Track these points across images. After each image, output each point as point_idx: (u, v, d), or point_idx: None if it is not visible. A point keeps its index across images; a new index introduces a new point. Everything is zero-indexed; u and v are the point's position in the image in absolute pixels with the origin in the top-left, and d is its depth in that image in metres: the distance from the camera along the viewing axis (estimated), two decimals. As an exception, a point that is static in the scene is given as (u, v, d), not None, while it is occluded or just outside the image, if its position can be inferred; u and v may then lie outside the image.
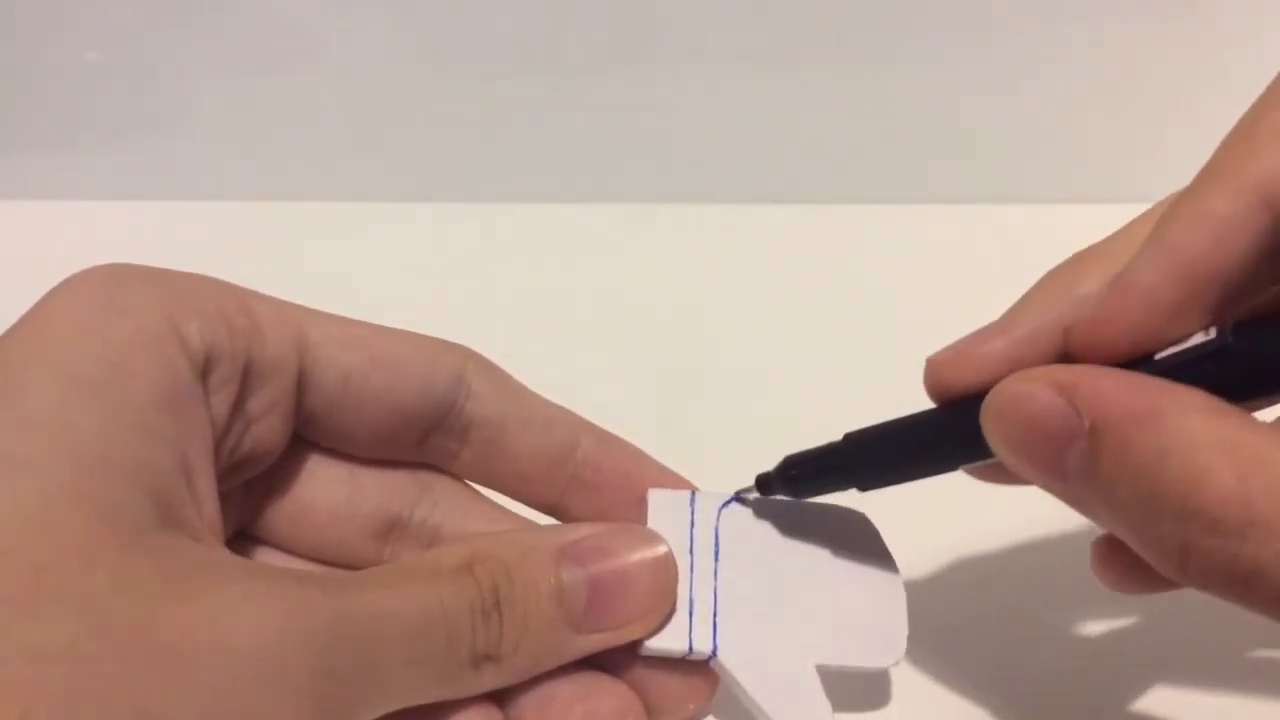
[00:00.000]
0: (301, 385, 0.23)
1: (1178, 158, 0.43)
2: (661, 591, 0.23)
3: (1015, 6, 0.38)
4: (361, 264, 0.39)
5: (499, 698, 0.23)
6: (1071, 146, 0.41)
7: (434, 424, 0.24)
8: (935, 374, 0.23)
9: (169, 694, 0.17)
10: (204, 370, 0.21)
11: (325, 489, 0.25)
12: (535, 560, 0.22)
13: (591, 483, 0.25)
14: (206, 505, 0.21)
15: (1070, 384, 0.20)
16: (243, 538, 0.25)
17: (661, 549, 0.23)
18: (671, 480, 0.25)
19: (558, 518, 0.26)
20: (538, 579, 0.22)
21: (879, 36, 0.39)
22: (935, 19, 0.38)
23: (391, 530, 0.25)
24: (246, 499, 0.24)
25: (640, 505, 0.24)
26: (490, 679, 0.22)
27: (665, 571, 0.23)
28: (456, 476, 0.26)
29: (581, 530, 0.23)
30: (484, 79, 0.40)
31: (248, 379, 0.22)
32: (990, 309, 0.26)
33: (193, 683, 0.17)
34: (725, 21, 0.38)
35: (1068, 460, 0.20)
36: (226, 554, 0.20)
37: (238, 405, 0.22)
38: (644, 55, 0.39)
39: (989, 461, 0.21)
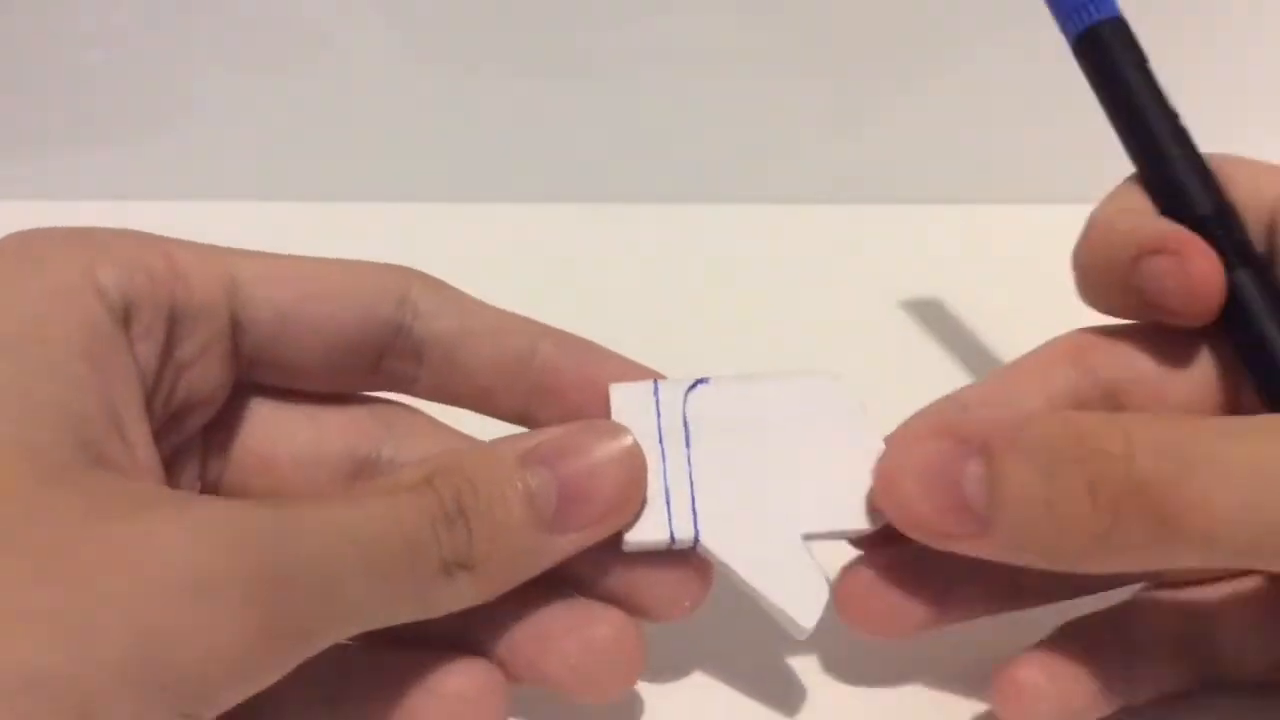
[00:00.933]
0: (237, 327, 0.23)
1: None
2: (631, 482, 0.23)
3: (1015, 6, 0.38)
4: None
5: (488, 640, 0.23)
6: (1071, 147, 0.41)
7: (384, 349, 0.24)
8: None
9: (91, 607, 0.16)
10: (125, 319, 0.21)
11: (287, 436, 0.25)
12: (498, 467, 0.22)
13: (554, 387, 0.25)
14: (140, 451, 0.20)
15: (944, 426, 0.22)
16: (213, 491, 0.24)
17: (627, 439, 0.23)
18: (635, 372, 0.25)
19: (523, 425, 0.25)
20: (503, 484, 0.21)
21: (878, 36, 0.39)
22: (936, 19, 0.38)
23: (361, 472, 0.25)
24: (208, 456, 0.24)
25: (607, 402, 0.24)
26: (468, 589, 0.21)
27: (633, 461, 0.23)
28: (418, 404, 0.25)
29: (543, 434, 0.23)
30: (484, 79, 0.40)
31: (174, 325, 0.22)
32: (991, 309, 0.26)
33: (116, 594, 0.17)
34: (725, 21, 0.38)
35: (966, 486, 0.21)
36: (164, 488, 0.20)
37: (167, 352, 0.22)
38: (644, 55, 0.39)
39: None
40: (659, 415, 0.24)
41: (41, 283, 0.20)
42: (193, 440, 0.24)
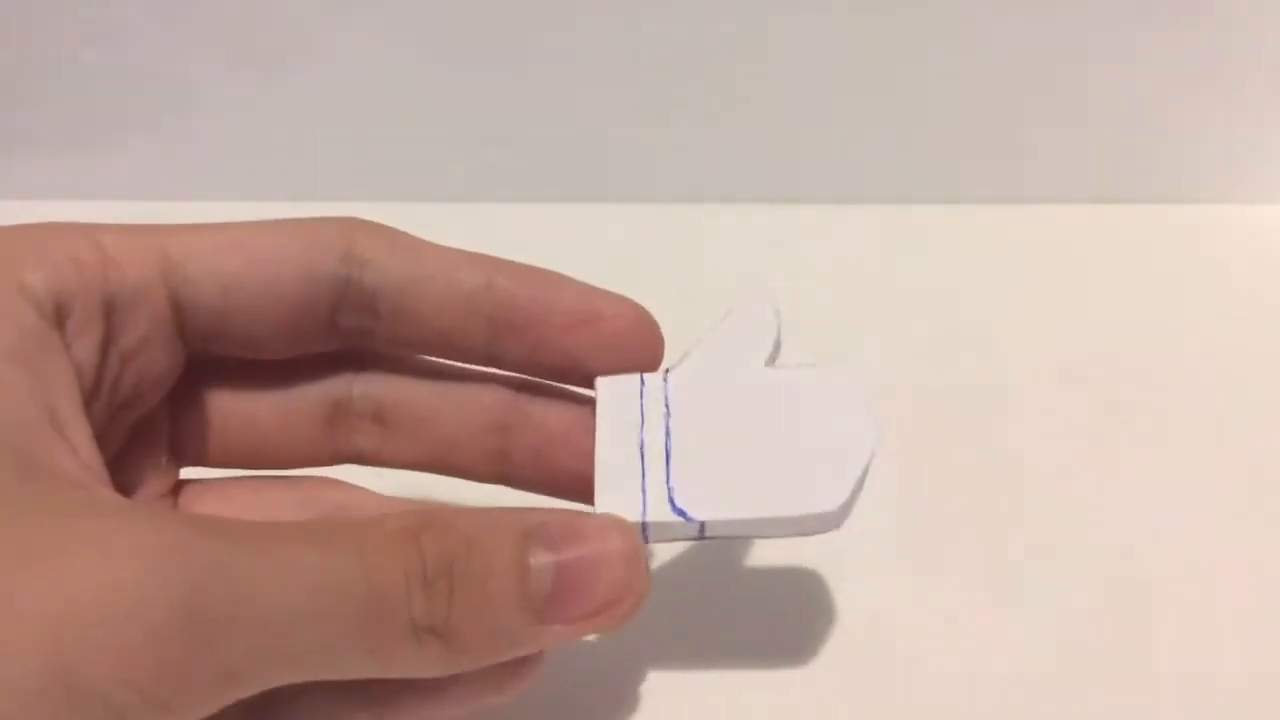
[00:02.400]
0: (179, 306, 0.22)
1: (1178, 158, 0.43)
2: (630, 585, 0.21)
3: (1015, 6, 0.38)
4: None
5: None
6: (1073, 147, 0.41)
7: (335, 305, 0.23)
8: None
9: (5, 625, 0.16)
10: (57, 317, 0.20)
11: (263, 393, 0.24)
12: (500, 537, 0.20)
13: (513, 321, 0.24)
14: (83, 451, 0.20)
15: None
16: (195, 463, 0.24)
17: (632, 538, 0.21)
18: (593, 297, 0.24)
19: (493, 366, 0.25)
20: (500, 557, 0.20)
21: (879, 36, 0.39)
22: (936, 18, 0.38)
23: (337, 412, 0.24)
24: (180, 428, 0.24)
25: (572, 331, 0.23)
26: (436, 658, 0.20)
27: (636, 563, 0.21)
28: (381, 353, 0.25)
29: (551, 514, 0.21)
30: (484, 79, 0.40)
31: (112, 315, 0.21)
32: (991, 309, 0.26)
33: (32, 612, 0.16)
34: (726, 22, 0.38)
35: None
36: (106, 496, 0.19)
37: (107, 344, 0.21)
38: (645, 55, 0.39)
39: None
40: (642, 403, 0.23)
41: None
42: (154, 417, 0.23)
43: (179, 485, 0.25)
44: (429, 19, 0.38)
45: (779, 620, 0.29)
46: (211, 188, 0.42)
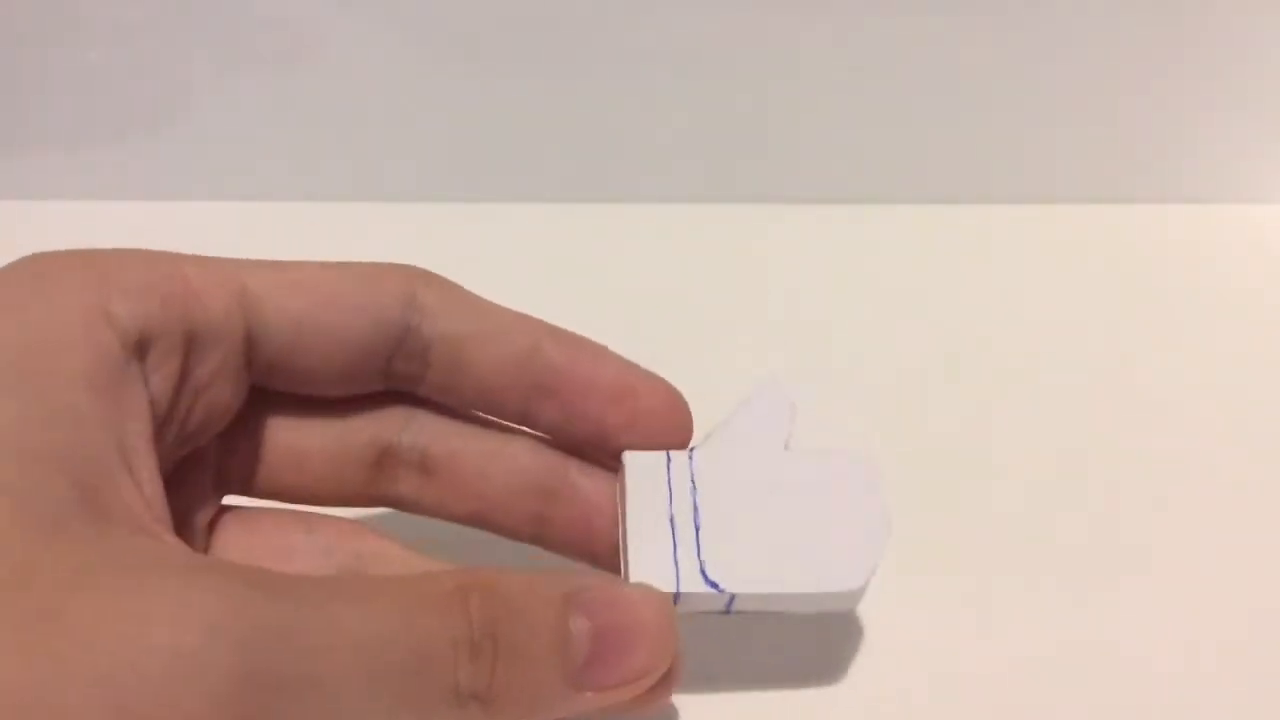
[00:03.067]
0: (251, 340, 0.22)
1: (1178, 158, 0.43)
2: (662, 654, 0.21)
3: (1015, 6, 0.38)
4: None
5: None
6: (1073, 147, 0.41)
7: (394, 350, 0.24)
8: None
9: (70, 687, 0.16)
10: (140, 349, 0.21)
11: (317, 431, 0.24)
12: (542, 603, 0.20)
13: (553, 386, 0.24)
14: (147, 487, 0.20)
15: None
16: (244, 496, 0.24)
17: (667, 609, 0.22)
18: (633, 374, 0.25)
19: (526, 425, 0.25)
20: (543, 622, 0.20)
21: (878, 36, 0.39)
22: (936, 18, 0.38)
23: (384, 456, 0.25)
24: (229, 459, 0.24)
25: (606, 404, 0.24)
26: None
27: (669, 634, 0.22)
28: (424, 401, 0.25)
29: (591, 579, 0.22)
30: (484, 79, 0.40)
31: (191, 348, 0.22)
32: (991, 309, 0.26)
33: (97, 676, 0.16)
34: (726, 22, 0.38)
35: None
36: (166, 545, 0.19)
37: (184, 376, 0.21)
38: (645, 55, 0.39)
39: None
40: (670, 479, 0.24)
41: (50, 312, 0.20)
42: (204, 447, 0.23)
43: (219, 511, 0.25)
44: (429, 19, 0.38)
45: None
46: (211, 188, 0.42)
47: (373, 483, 0.25)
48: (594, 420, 0.24)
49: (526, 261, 0.40)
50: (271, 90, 0.40)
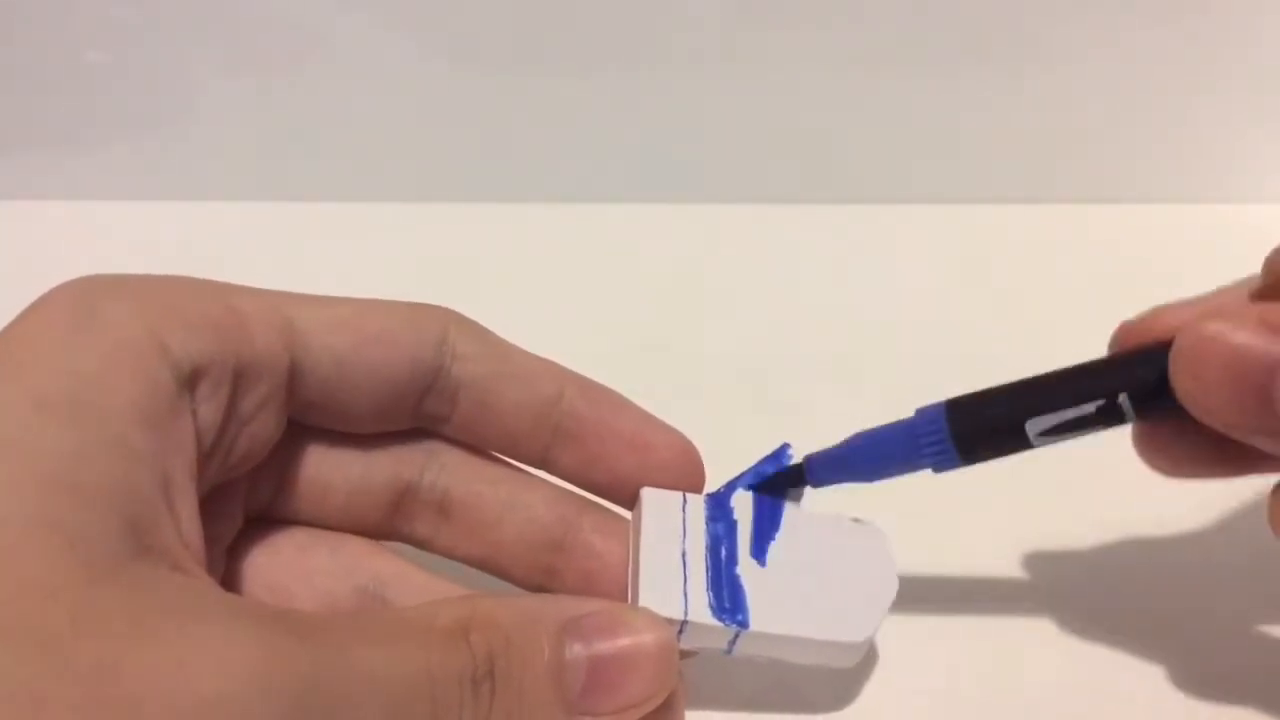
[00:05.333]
0: (294, 374, 0.23)
1: (1177, 158, 0.43)
2: (661, 681, 0.21)
3: (1016, 6, 0.38)
4: (362, 264, 0.39)
5: None
6: (1073, 147, 0.41)
7: (425, 390, 0.24)
8: (1124, 338, 0.23)
9: None
10: (191, 380, 0.21)
11: (342, 466, 0.25)
12: (537, 632, 0.21)
13: (574, 433, 0.25)
14: (186, 524, 0.20)
15: (1273, 319, 0.20)
16: (263, 519, 0.25)
17: (667, 637, 0.22)
18: (653, 427, 0.25)
19: (545, 470, 0.25)
20: (537, 652, 0.20)
21: (878, 36, 0.39)
22: (936, 19, 0.38)
23: (404, 495, 0.25)
24: (256, 485, 0.24)
25: (624, 453, 0.25)
26: None
27: (668, 660, 0.22)
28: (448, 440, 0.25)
29: (588, 605, 0.22)
30: (484, 79, 0.40)
31: (239, 381, 0.22)
32: (990, 309, 0.26)
33: None
34: (725, 21, 0.38)
35: (1275, 389, 0.20)
36: (203, 586, 0.20)
37: (231, 409, 0.22)
38: (645, 55, 0.39)
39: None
40: (685, 517, 0.25)
41: (100, 342, 0.20)
42: (242, 479, 0.24)
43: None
44: (429, 19, 0.38)
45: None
46: (211, 188, 0.42)
47: (390, 519, 0.25)
48: (610, 468, 0.25)
49: (527, 261, 0.40)
50: (271, 90, 0.40)
